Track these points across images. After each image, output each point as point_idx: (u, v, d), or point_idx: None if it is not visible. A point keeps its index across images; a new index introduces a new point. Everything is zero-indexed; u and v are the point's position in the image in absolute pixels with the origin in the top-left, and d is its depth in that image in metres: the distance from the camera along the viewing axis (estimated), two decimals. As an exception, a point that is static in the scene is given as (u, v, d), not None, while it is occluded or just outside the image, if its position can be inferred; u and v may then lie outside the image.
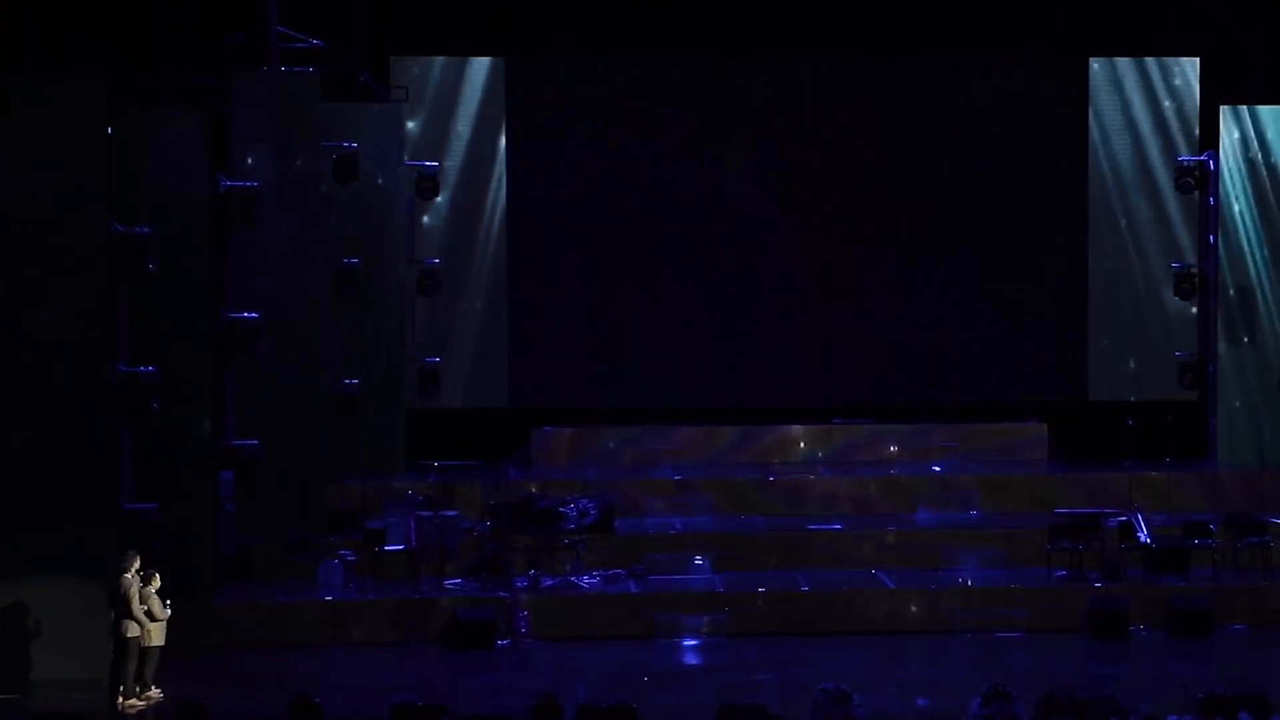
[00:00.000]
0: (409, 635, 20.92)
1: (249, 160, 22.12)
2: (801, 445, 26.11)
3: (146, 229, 19.49)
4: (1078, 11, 26.36)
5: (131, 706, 18.18)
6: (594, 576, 21.93)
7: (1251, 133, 25.17)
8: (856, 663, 20.17)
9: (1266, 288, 25.24)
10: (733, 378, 26.59)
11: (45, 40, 22.65)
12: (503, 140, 26.19)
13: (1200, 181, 25.67)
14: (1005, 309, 26.72)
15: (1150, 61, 26.57)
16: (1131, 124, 26.50)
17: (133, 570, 18.29)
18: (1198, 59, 26.45)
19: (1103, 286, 26.63)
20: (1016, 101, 26.66)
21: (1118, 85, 26.53)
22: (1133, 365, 26.57)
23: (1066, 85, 26.65)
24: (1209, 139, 25.73)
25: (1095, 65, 26.58)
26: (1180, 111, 26.49)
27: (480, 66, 26.20)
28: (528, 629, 20.97)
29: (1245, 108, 25.20)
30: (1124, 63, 26.56)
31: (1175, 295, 25.95)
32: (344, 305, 23.64)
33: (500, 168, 26.19)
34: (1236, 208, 25.26)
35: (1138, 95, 26.50)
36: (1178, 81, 26.49)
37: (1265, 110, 25.19)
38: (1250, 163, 25.16)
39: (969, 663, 20.23)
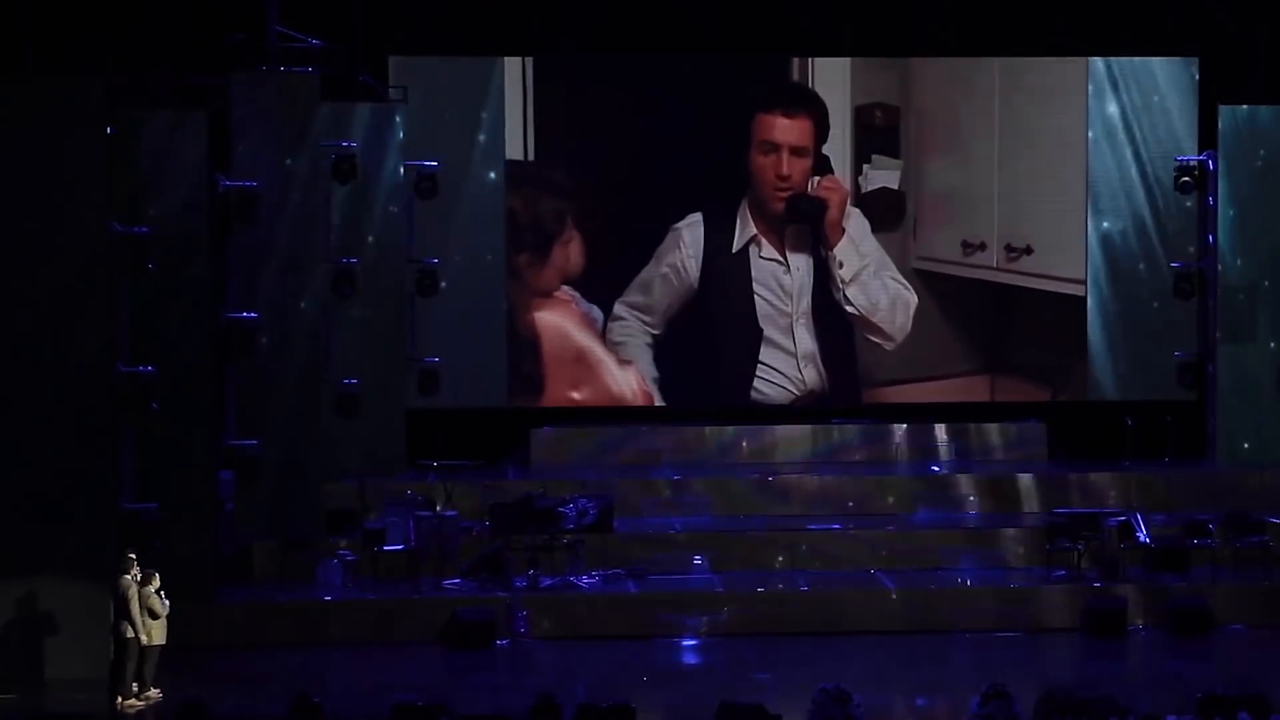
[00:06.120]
0: (409, 635, 20.94)
1: (249, 160, 22.14)
2: (801, 445, 26.10)
3: (146, 229, 19.54)
4: (1078, 11, 26.35)
5: (131, 706, 18.19)
6: (593, 576, 21.94)
7: (1251, 132, 25.14)
8: (856, 663, 20.17)
9: (1266, 288, 25.22)
10: (733, 377, 26.57)
11: (45, 40, 22.64)
12: (502, 140, 26.17)
13: (1200, 181, 25.65)
14: (1004, 308, 26.71)
15: (1150, 61, 26.56)
16: (1132, 124, 26.48)
17: (132, 572, 18.30)
18: (1197, 59, 26.44)
19: (1102, 286, 26.60)
20: (1017, 101, 26.64)
21: (1118, 85, 26.51)
22: (1132, 365, 26.55)
23: (1066, 85, 26.64)
24: (1209, 139, 25.70)
25: (1095, 65, 26.57)
26: (1180, 111, 26.47)
27: (481, 66, 26.16)
28: (527, 629, 20.99)
29: (1245, 108, 25.19)
30: (1124, 63, 26.54)
31: (1175, 295, 25.92)
32: (344, 305, 23.64)
33: (500, 167, 26.18)
34: (1236, 208, 25.24)
35: (1138, 95, 26.48)
36: (1178, 82, 26.48)
37: (1265, 110, 25.18)
38: (1249, 162, 25.14)
39: (968, 663, 20.24)
